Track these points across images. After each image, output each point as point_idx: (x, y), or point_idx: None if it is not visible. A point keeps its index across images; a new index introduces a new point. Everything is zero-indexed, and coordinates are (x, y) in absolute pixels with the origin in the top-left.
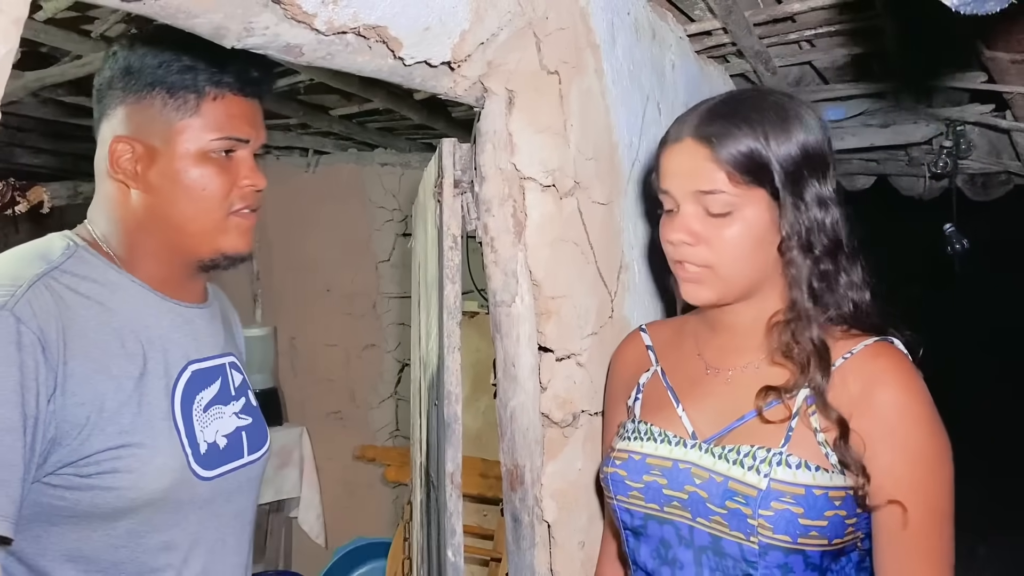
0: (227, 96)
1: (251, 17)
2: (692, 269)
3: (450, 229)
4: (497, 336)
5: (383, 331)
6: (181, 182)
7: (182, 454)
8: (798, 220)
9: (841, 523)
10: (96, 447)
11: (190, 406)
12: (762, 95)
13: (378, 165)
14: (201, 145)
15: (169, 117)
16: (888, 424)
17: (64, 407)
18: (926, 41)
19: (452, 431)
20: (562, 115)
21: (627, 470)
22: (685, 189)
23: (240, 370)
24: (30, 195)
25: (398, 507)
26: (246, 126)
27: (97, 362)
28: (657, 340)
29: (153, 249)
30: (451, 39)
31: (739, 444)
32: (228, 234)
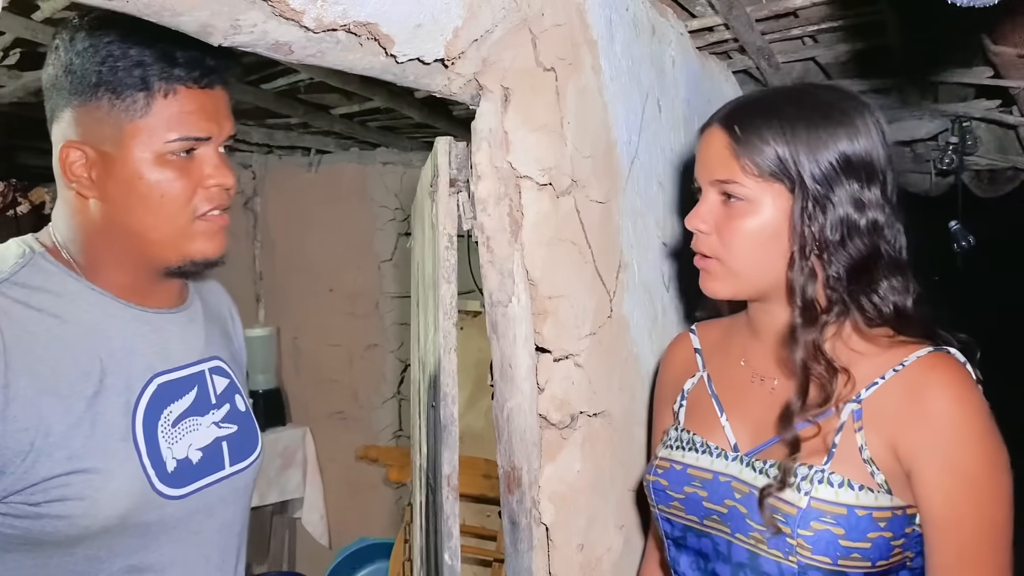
0: (180, 91)
1: (238, 14)
2: (704, 259)
3: (445, 228)
4: (494, 337)
5: (386, 331)
6: (137, 189)
7: (142, 476)
8: (806, 222)
9: (886, 545)
10: (42, 474)
11: (155, 422)
12: (813, 91)
13: (380, 164)
14: (156, 148)
15: (118, 119)
16: (940, 439)
17: (5, 434)
18: (930, 36)
19: (449, 433)
20: (559, 113)
21: (668, 479)
22: (705, 176)
23: (227, 374)
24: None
25: (401, 507)
26: (205, 121)
27: (45, 382)
28: (705, 343)
29: (116, 257)
30: (444, 36)
31: (780, 459)
32: (195, 240)
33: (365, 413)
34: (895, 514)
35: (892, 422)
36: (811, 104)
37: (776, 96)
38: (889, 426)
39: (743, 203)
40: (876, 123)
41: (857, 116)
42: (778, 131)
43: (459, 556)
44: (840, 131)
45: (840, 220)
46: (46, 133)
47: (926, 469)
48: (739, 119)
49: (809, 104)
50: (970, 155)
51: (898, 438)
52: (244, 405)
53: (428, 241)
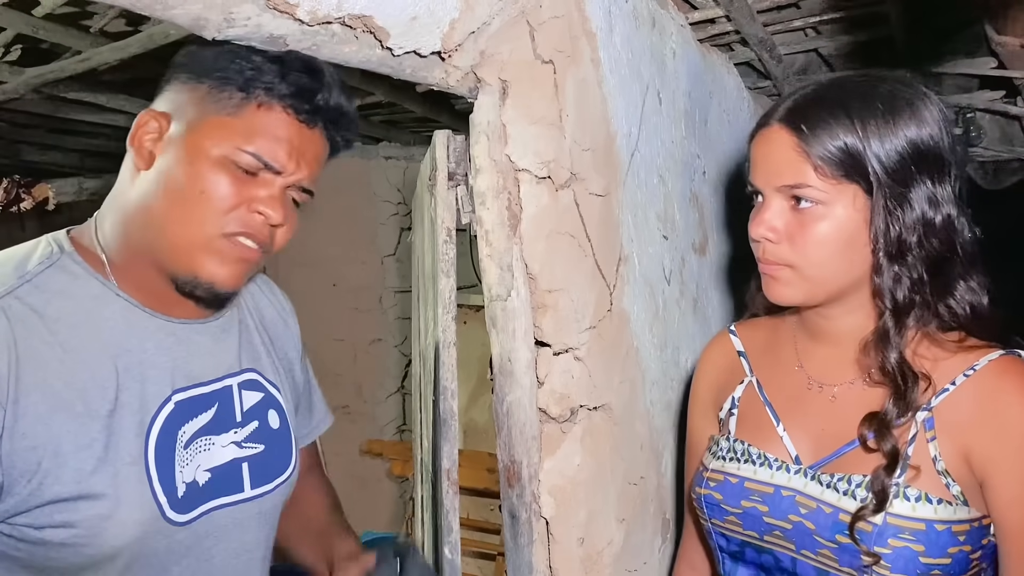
0: (276, 110)
1: (231, 8)
2: (773, 267)
3: (444, 222)
4: (493, 331)
5: (389, 325)
6: (183, 176)
7: (152, 504)
8: (889, 223)
9: (965, 559)
10: (48, 496)
11: (171, 444)
12: (873, 81)
13: (382, 159)
14: (223, 150)
15: (206, 108)
16: (1017, 446)
17: (12, 452)
18: (934, 27)
19: (448, 427)
20: (557, 105)
21: (723, 493)
22: (771, 182)
23: (262, 387)
24: (35, 192)
25: (404, 502)
26: (283, 153)
27: (57, 397)
28: (749, 345)
29: (140, 251)
30: (440, 28)
31: (850, 472)
32: (210, 257)
33: (369, 408)
34: (973, 526)
35: (965, 430)
36: (876, 95)
37: (838, 89)
38: (962, 434)
39: (816, 207)
40: (940, 111)
41: (922, 104)
42: (848, 126)
43: (459, 550)
44: (910, 121)
45: (918, 219)
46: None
47: (1002, 478)
48: (804, 116)
49: (874, 95)
50: (974, 147)
51: (971, 446)
52: (279, 421)
53: (428, 235)
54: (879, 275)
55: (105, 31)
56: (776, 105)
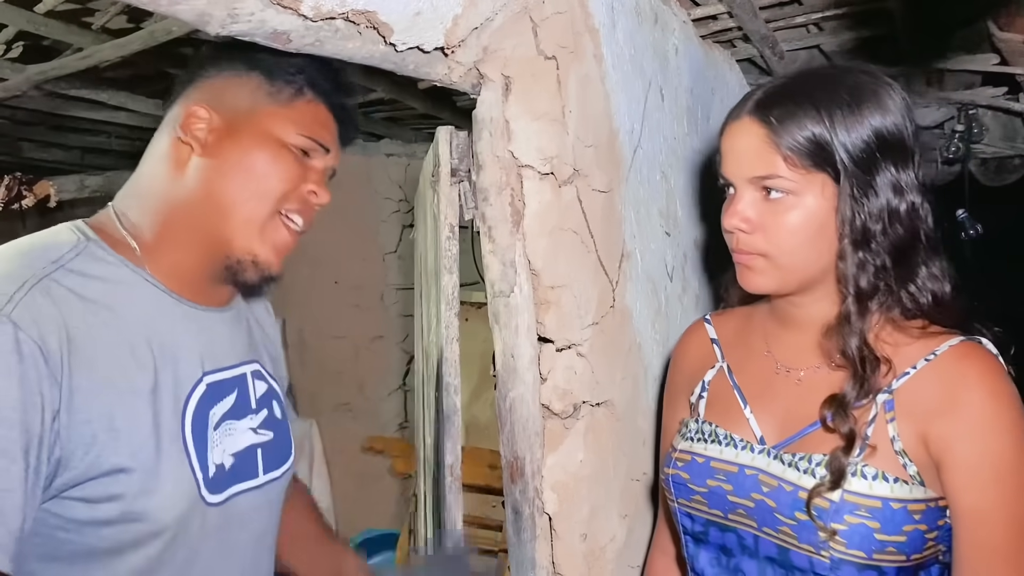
0: (320, 105)
1: (235, 3)
2: (747, 256)
3: (447, 218)
4: (496, 327)
5: (391, 323)
6: (248, 158)
7: (192, 481)
8: (855, 211)
9: (920, 537)
10: (104, 468)
11: (204, 424)
12: (837, 73)
13: (384, 156)
14: (283, 136)
15: (260, 99)
16: (972, 430)
17: (70, 425)
18: (936, 23)
19: (451, 423)
20: (560, 101)
21: (690, 473)
22: (742, 173)
23: (266, 379)
24: (36, 189)
25: (406, 498)
26: (329, 136)
27: (105, 375)
28: (722, 333)
29: (185, 234)
30: (443, 24)
31: (811, 452)
32: (266, 237)
33: (371, 405)
34: (929, 506)
35: (923, 413)
36: (842, 86)
37: (805, 81)
38: (920, 417)
39: (787, 197)
40: (904, 99)
41: (885, 94)
42: (815, 117)
43: None
44: (874, 110)
45: (883, 206)
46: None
47: (957, 460)
48: (772, 108)
49: (839, 86)
50: (976, 143)
51: (929, 429)
52: (281, 412)
53: (430, 232)
54: (843, 261)
55: (107, 28)
56: (745, 98)
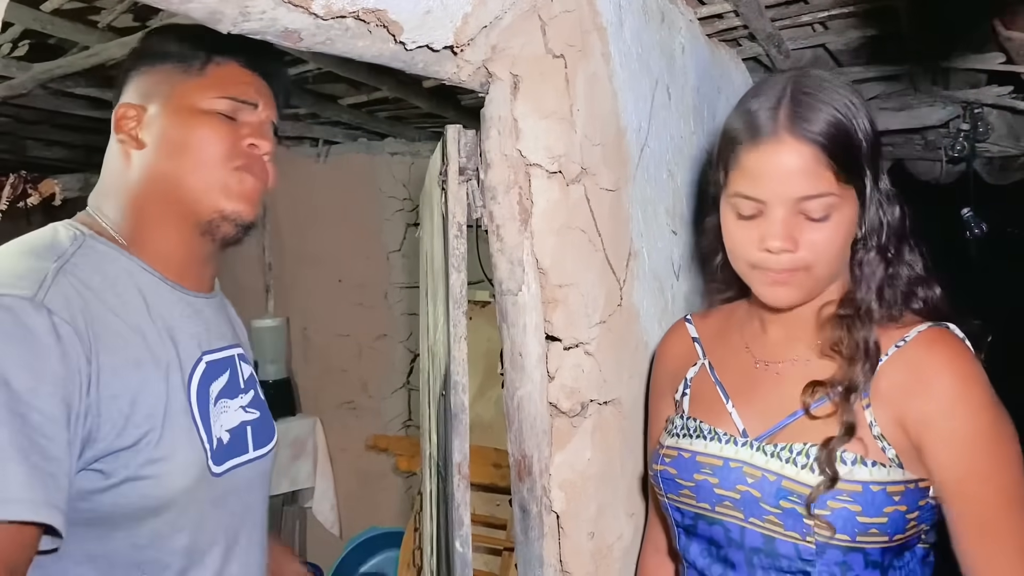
0: (233, 65)
1: (247, 1)
2: (788, 274)
3: (455, 217)
4: (504, 325)
5: (395, 321)
6: (181, 136)
7: (202, 452)
8: (878, 218)
9: (901, 518)
10: (127, 441)
11: (206, 399)
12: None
13: (388, 154)
14: (204, 104)
15: (174, 79)
16: (944, 410)
17: (99, 401)
18: (942, 22)
19: (459, 421)
20: (568, 100)
21: (677, 468)
22: (788, 194)
23: (248, 362)
24: (41, 188)
25: (411, 497)
26: (252, 91)
27: (124, 355)
28: (703, 331)
29: (157, 218)
30: (453, 23)
31: (791, 442)
32: (229, 192)
33: (375, 403)
34: (908, 487)
35: (897, 397)
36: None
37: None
38: (895, 401)
39: (832, 211)
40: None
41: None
42: (851, 130)
43: (470, 543)
44: (869, 113)
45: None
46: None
47: (934, 441)
48: (813, 125)
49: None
50: (981, 142)
51: (905, 413)
52: (262, 395)
53: (437, 230)
54: (868, 267)
55: (113, 26)
56: (763, 116)
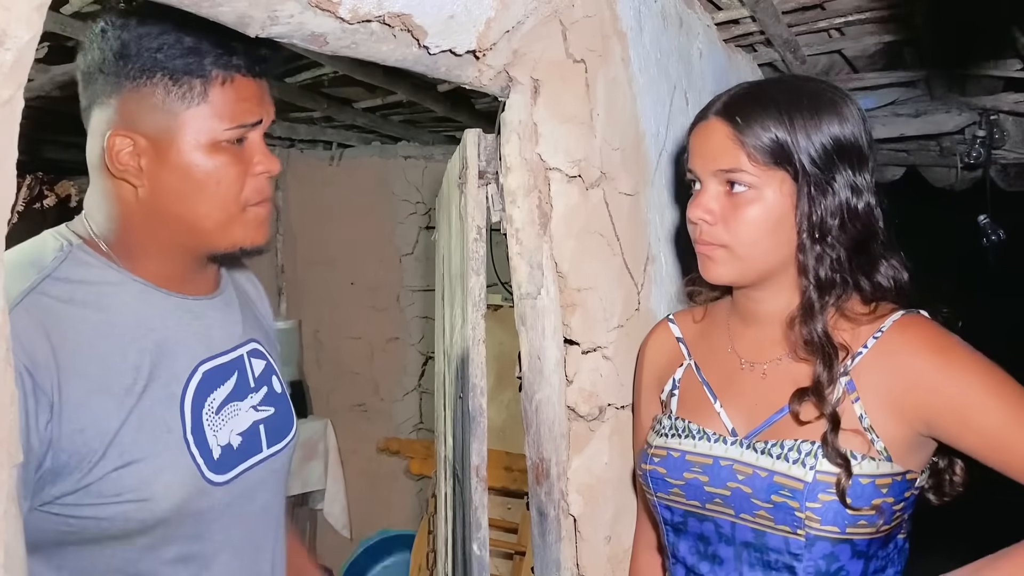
0: (236, 79)
1: (275, 5)
2: (709, 247)
3: (474, 220)
4: (522, 329)
5: (407, 324)
6: (193, 177)
7: (192, 466)
8: (812, 207)
9: (889, 509)
10: (98, 474)
11: (201, 411)
12: (800, 82)
13: (401, 158)
14: (213, 136)
15: (173, 107)
16: (941, 388)
17: (61, 437)
18: (959, 29)
19: (477, 424)
20: (588, 104)
21: (666, 467)
22: (708, 168)
23: (263, 355)
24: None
25: (422, 500)
26: (257, 108)
27: (95, 380)
28: (687, 332)
29: (158, 246)
30: (476, 27)
31: (780, 439)
32: (246, 227)
33: (386, 405)
34: (895, 480)
35: (885, 388)
36: (803, 93)
37: (769, 87)
38: (884, 392)
39: (748, 191)
40: (860, 111)
41: (843, 105)
42: (777, 118)
43: (488, 547)
44: (833, 118)
45: (840, 204)
46: (72, 127)
47: (947, 417)
48: (738, 109)
49: (801, 93)
50: (997, 149)
51: (897, 401)
52: (280, 386)
53: (456, 233)
54: (803, 254)
55: None
56: (713, 101)
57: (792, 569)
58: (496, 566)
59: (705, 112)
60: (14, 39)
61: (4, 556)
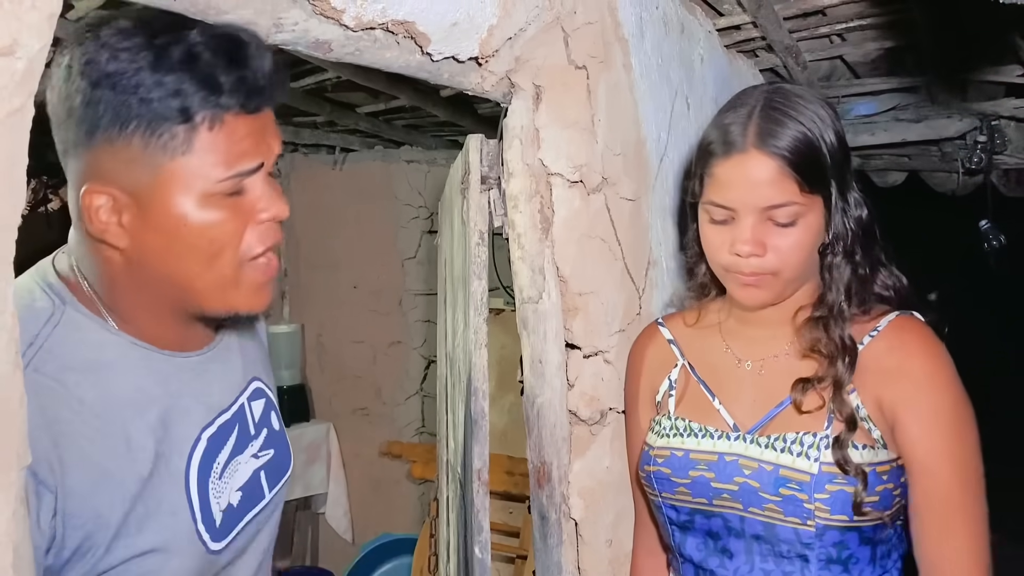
0: (226, 120)
1: (280, 13)
2: (757, 277)
3: (477, 225)
4: (524, 333)
5: (409, 328)
6: (181, 237)
7: (199, 544)
8: (845, 222)
9: (889, 495)
10: (103, 567)
11: (206, 482)
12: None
13: (404, 162)
14: (203, 189)
15: (154, 158)
16: (918, 391)
17: (64, 533)
18: (960, 34)
19: (479, 427)
20: (590, 110)
21: (671, 467)
22: (754, 203)
23: (263, 392)
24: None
25: (424, 503)
26: (256, 148)
27: (98, 469)
28: (678, 334)
29: (150, 307)
30: (479, 34)
31: (783, 432)
32: (242, 290)
33: (388, 409)
34: (892, 466)
35: (875, 381)
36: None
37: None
38: (874, 385)
39: (797, 219)
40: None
41: (834, 112)
42: (816, 143)
43: (489, 550)
44: (837, 124)
45: (857, 217)
46: None
47: (909, 418)
48: (779, 140)
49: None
50: (999, 154)
51: (882, 394)
52: (278, 422)
53: (458, 238)
54: (836, 271)
55: None
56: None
57: (804, 558)
58: (498, 570)
59: (735, 143)
60: (25, 48)
61: (13, 556)
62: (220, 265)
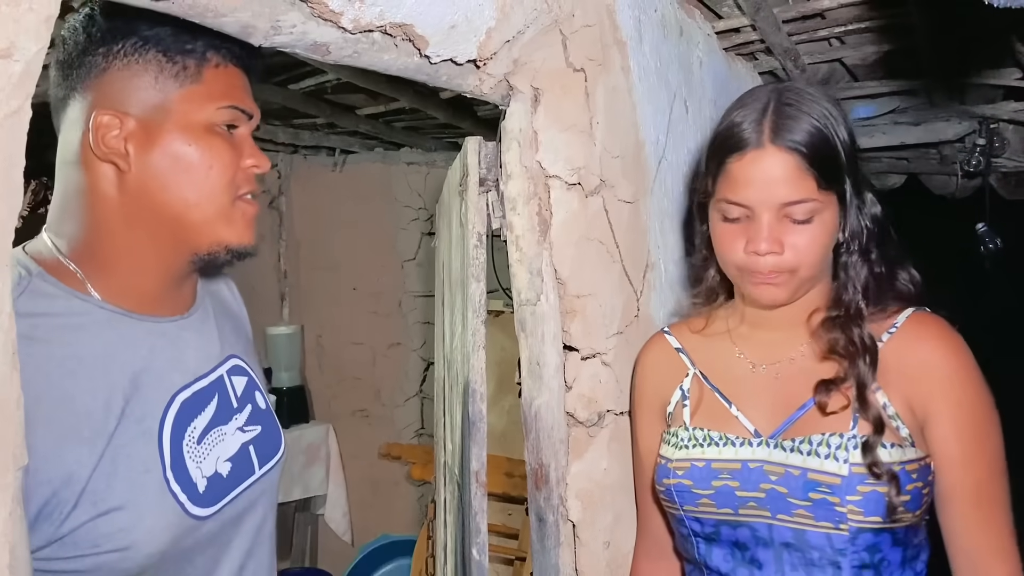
0: (230, 67)
1: (278, 15)
2: (775, 275)
3: (475, 227)
4: (522, 335)
5: (408, 329)
6: (184, 159)
7: (175, 505)
8: (860, 219)
9: (919, 493)
10: (71, 525)
11: (180, 443)
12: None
13: (404, 164)
14: (207, 116)
15: (166, 85)
16: (950, 387)
17: (29, 488)
18: (959, 37)
19: (477, 429)
20: (588, 113)
21: (692, 479)
22: (771, 200)
23: (245, 371)
24: None
25: (423, 505)
26: (249, 99)
27: (64, 425)
28: (686, 342)
29: (136, 256)
30: (477, 37)
31: (808, 434)
32: (233, 224)
33: (388, 411)
34: (921, 464)
35: (901, 380)
36: (829, 103)
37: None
38: (900, 383)
39: (814, 216)
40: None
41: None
42: (831, 140)
43: (487, 552)
44: (847, 121)
45: (872, 215)
46: None
47: (942, 415)
48: (795, 135)
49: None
50: (997, 157)
51: (909, 392)
52: (264, 402)
53: (456, 240)
54: (851, 267)
55: None
56: (749, 127)
57: (837, 564)
58: (496, 572)
59: (751, 139)
60: (22, 51)
61: (9, 557)
62: (215, 194)
